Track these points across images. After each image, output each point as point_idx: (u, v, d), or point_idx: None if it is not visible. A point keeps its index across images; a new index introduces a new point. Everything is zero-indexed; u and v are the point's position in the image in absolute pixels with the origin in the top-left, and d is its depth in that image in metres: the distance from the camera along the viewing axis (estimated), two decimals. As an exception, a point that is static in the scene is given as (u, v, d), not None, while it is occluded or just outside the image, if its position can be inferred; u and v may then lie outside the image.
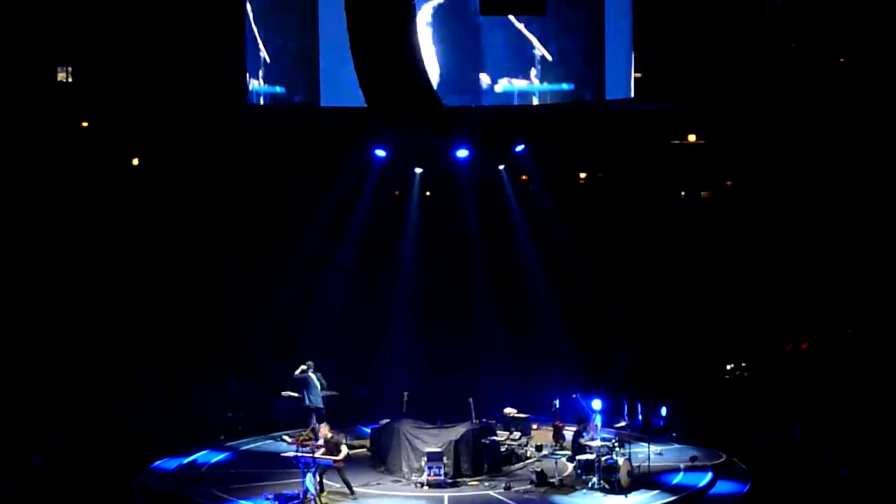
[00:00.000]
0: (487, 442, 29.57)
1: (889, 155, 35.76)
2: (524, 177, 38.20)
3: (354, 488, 27.35)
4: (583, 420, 29.86)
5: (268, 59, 31.28)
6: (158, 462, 30.03)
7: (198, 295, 37.38)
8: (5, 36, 30.52)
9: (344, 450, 27.37)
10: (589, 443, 28.83)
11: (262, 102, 32.02)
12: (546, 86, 30.58)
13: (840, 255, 36.66)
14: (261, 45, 31.82)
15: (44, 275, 35.95)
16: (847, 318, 35.68)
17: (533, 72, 30.76)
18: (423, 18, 30.62)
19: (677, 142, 39.80)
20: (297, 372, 30.86)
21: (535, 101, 30.65)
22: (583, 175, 41.41)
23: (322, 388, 30.96)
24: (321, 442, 27.48)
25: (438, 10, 31.39)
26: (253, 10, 32.60)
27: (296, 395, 31.17)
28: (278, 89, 31.35)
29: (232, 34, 33.25)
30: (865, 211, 36.41)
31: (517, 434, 31.06)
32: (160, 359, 35.10)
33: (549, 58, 30.45)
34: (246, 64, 32.25)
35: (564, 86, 30.95)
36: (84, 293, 36.43)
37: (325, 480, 27.00)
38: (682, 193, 40.93)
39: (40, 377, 32.82)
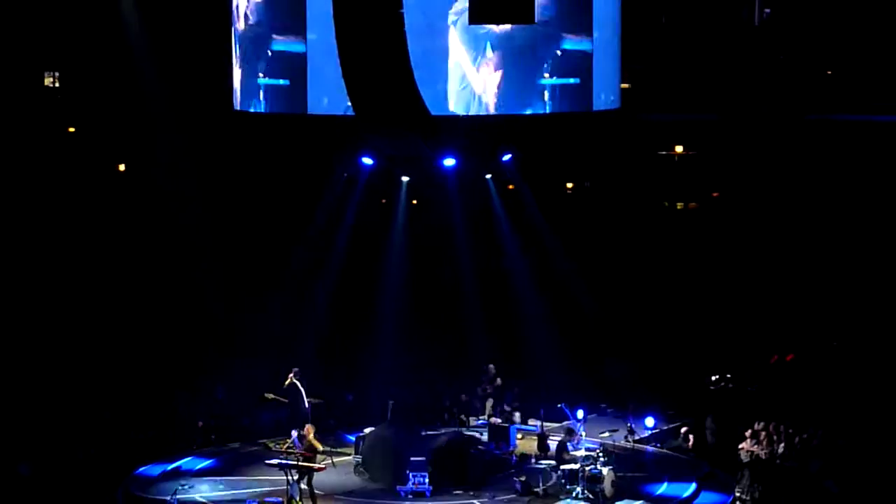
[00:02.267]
0: (471, 451, 29.56)
1: (876, 166, 35.95)
2: (511, 186, 38.24)
3: (338, 496, 27.52)
4: (571, 430, 29.94)
5: (270, 53, 31.24)
6: (142, 468, 29.92)
7: (183, 302, 37.38)
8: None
9: (318, 447, 27.66)
10: (574, 453, 28.89)
11: (261, 96, 31.86)
12: (555, 80, 30.80)
13: (825, 268, 36.79)
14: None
15: (32, 281, 35.93)
16: (832, 329, 35.75)
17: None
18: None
19: (664, 152, 40.00)
20: (287, 382, 30.86)
21: (546, 96, 30.80)
22: (570, 185, 41.54)
23: (306, 396, 30.91)
24: (304, 436, 27.65)
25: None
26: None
27: (281, 398, 31.19)
28: (282, 82, 31.25)
29: (219, 38, 33.28)
30: (851, 223, 36.55)
31: (500, 443, 31.18)
32: (146, 368, 35.05)
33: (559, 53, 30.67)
34: (241, 62, 32.18)
35: (571, 80, 31.16)
36: (70, 300, 36.43)
37: (315, 490, 27.16)
38: (678, 204, 41.08)
39: (28, 387, 32.76)
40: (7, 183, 35.44)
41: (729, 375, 34.82)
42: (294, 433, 29.69)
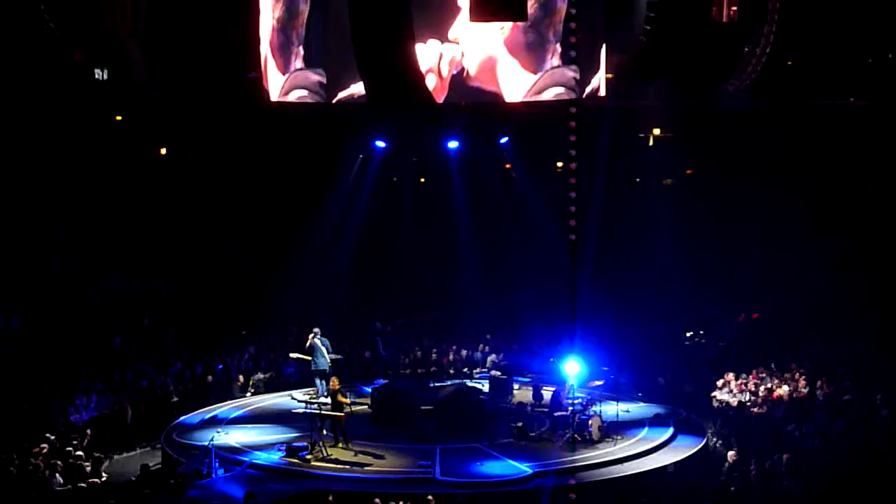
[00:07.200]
0: (474, 400, 29.57)
1: (827, 144, 35.87)
2: (508, 165, 38.16)
3: (357, 441, 27.29)
4: (562, 382, 29.83)
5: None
6: (183, 417, 29.87)
7: (220, 273, 37.33)
8: (51, 42, 30.38)
9: (346, 401, 27.43)
10: (564, 401, 28.84)
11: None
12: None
13: (785, 233, 36.70)
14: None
15: (88, 253, 35.88)
16: (791, 291, 35.59)
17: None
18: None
19: (643, 135, 39.84)
20: (308, 341, 30.75)
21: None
22: (559, 164, 41.35)
23: (328, 353, 30.84)
24: (328, 393, 27.51)
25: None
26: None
27: (305, 357, 31.07)
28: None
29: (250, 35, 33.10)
30: (807, 193, 36.40)
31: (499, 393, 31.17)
32: (186, 329, 34.94)
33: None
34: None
35: None
36: (120, 269, 36.46)
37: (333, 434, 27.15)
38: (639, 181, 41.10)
39: (81, 345, 32.69)
40: (63, 164, 35.37)
41: (702, 332, 34.77)
42: (317, 383, 29.73)
